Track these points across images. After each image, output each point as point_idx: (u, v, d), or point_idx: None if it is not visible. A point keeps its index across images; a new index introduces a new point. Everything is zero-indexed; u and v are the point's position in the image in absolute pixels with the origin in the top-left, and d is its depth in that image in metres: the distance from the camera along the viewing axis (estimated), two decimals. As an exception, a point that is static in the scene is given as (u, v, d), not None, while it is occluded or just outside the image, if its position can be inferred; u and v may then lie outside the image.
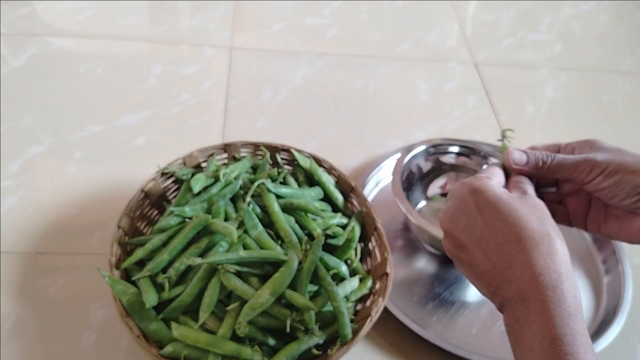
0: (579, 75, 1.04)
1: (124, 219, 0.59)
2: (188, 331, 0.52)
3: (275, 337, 0.55)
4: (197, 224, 0.56)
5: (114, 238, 0.57)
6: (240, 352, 0.51)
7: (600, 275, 0.70)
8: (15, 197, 0.71)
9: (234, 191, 0.62)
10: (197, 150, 0.66)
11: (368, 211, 0.63)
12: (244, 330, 0.51)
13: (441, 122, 0.90)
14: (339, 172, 0.67)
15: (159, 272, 0.55)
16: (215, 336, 0.52)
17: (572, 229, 0.59)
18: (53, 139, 0.79)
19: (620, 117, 0.95)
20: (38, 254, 0.65)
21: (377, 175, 0.77)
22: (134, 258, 0.56)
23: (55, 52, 0.94)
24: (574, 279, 0.37)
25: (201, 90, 0.90)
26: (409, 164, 0.70)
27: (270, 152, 0.68)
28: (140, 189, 0.62)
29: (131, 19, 1.03)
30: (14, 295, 0.61)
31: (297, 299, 0.53)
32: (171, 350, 0.51)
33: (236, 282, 0.53)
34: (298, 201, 0.62)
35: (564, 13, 1.21)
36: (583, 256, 0.72)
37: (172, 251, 0.55)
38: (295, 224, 0.61)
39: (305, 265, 0.56)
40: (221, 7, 1.08)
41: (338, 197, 0.66)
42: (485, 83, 0.99)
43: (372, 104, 0.92)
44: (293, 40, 1.03)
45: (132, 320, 0.52)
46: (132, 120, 0.83)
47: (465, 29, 1.12)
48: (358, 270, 0.61)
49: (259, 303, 0.52)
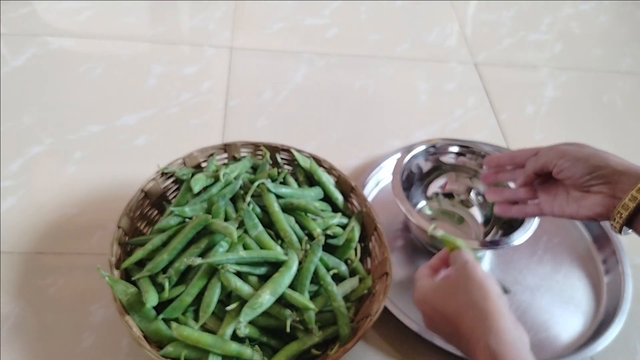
0: (579, 75, 1.04)
1: (124, 219, 0.59)
2: (188, 331, 0.51)
3: (275, 337, 0.55)
4: (197, 224, 0.56)
5: (114, 238, 0.57)
6: (240, 353, 0.51)
7: (601, 275, 0.70)
8: (15, 197, 0.71)
9: (234, 191, 0.61)
10: (197, 150, 0.66)
11: (368, 211, 0.63)
12: (244, 330, 0.52)
13: (441, 122, 0.90)
14: (339, 172, 0.67)
15: (159, 272, 0.55)
16: (215, 336, 0.52)
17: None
18: (53, 139, 0.79)
19: (620, 117, 0.95)
20: (38, 254, 0.65)
21: (377, 175, 0.77)
22: (134, 258, 0.56)
23: (55, 52, 0.94)
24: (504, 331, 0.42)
25: (201, 90, 0.90)
26: (409, 164, 0.70)
27: (270, 152, 0.68)
28: (140, 189, 0.62)
29: (131, 19, 1.03)
30: (14, 295, 0.61)
31: (297, 299, 0.53)
32: (171, 350, 0.51)
33: (236, 282, 0.53)
34: (298, 201, 0.62)
35: (564, 13, 1.21)
36: (583, 256, 0.72)
37: (172, 251, 0.55)
38: (295, 224, 0.61)
39: (305, 265, 0.56)
40: (221, 7, 1.08)
41: (338, 197, 0.66)
42: (485, 83, 0.99)
43: (372, 104, 0.92)
44: (293, 40, 1.03)
45: (132, 320, 0.51)
46: (132, 120, 0.83)
47: (465, 29, 1.12)
48: (358, 270, 0.61)
49: (259, 303, 0.52)
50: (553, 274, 0.70)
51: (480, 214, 0.73)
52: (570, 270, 0.70)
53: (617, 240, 0.71)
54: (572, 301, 0.67)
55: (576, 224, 0.76)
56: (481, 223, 0.72)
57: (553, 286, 0.68)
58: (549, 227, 0.74)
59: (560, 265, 0.71)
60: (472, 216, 0.73)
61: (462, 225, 0.73)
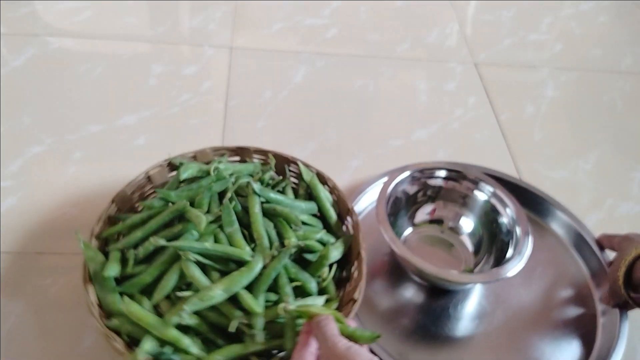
0: (579, 75, 1.04)
1: (120, 195, 0.61)
2: (135, 308, 0.52)
3: (224, 336, 0.54)
4: (175, 209, 0.57)
5: (104, 210, 0.59)
6: (177, 340, 0.51)
7: (597, 315, 0.65)
8: (15, 197, 0.71)
9: (223, 187, 0.62)
10: (210, 148, 0.67)
11: (356, 235, 0.61)
12: (185, 318, 0.51)
13: (441, 122, 0.90)
14: (340, 193, 0.65)
15: (130, 247, 0.57)
16: (158, 319, 0.51)
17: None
18: (53, 139, 0.79)
19: (620, 117, 0.95)
20: (38, 254, 0.65)
21: (368, 195, 0.74)
22: (112, 230, 0.58)
23: (55, 52, 0.94)
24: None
25: (201, 91, 0.90)
26: (394, 191, 0.67)
27: (279, 162, 0.67)
28: (145, 172, 0.63)
29: (131, 19, 1.03)
30: (14, 295, 0.61)
31: (246, 301, 0.52)
32: (116, 323, 0.52)
33: (195, 271, 0.53)
34: (281, 208, 0.60)
35: (564, 13, 1.21)
36: (579, 291, 0.68)
37: (147, 230, 0.57)
38: (272, 230, 0.60)
39: (267, 271, 0.54)
40: (221, 7, 1.08)
41: (332, 216, 0.64)
42: (485, 83, 0.99)
43: (372, 104, 0.92)
44: (293, 40, 1.03)
45: (91, 288, 0.53)
46: (132, 120, 0.83)
47: (465, 29, 1.12)
48: (328, 290, 0.59)
49: (209, 296, 0.51)
50: (546, 309, 0.65)
51: (471, 241, 0.70)
52: (565, 306, 0.66)
53: None
54: (565, 338, 0.63)
55: (573, 255, 0.71)
56: (472, 252, 0.69)
57: (545, 322, 0.64)
58: (543, 257, 0.70)
59: (554, 299, 0.67)
60: (462, 243, 0.70)
61: (452, 253, 0.70)
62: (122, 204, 0.61)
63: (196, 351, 0.51)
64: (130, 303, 0.52)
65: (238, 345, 0.52)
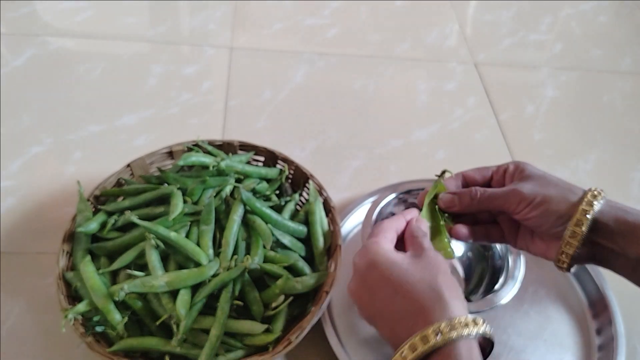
0: (579, 75, 1.04)
1: (137, 162, 0.65)
2: (88, 268, 0.54)
3: (158, 327, 0.53)
4: (162, 191, 0.61)
5: (117, 172, 0.64)
6: (107, 311, 0.51)
7: (593, 347, 0.63)
8: (15, 197, 0.71)
9: (219, 182, 0.62)
10: (238, 141, 0.69)
11: (332, 276, 0.57)
12: (120, 294, 0.51)
13: (441, 122, 0.90)
14: (336, 227, 0.62)
15: (115, 213, 0.60)
16: (102, 287, 0.53)
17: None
18: (53, 139, 0.79)
19: (620, 117, 0.95)
20: (38, 254, 0.65)
21: (355, 215, 0.72)
22: (108, 192, 0.63)
23: (55, 52, 0.94)
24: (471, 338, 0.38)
25: (201, 90, 0.90)
26: (380, 215, 0.65)
27: (297, 175, 0.67)
28: (169, 146, 0.67)
29: (131, 19, 1.03)
30: (14, 295, 0.61)
31: (177, 301, 0.52)
32: (70, 276, 0.55)
33: (152, 255, 0.54)
34: (260, 222, 0.59)
35: (564, 13, 1.21)
36: (574, 313, 0.65)
37: (134, 202, 0.61)
38: (242, 242, 0.58)
39: (214, 280, 0.53)
40: (221, 7, 1.08)
41: (319, 246, 0.61)
42: (485, 83, 0.99)
43: (372, 104, 0.92)
44: (293, 40, 1.03)
45: (68, 244, 0.58)
46: (132, 120, 0.83)
47: (465, 29, 1.12)
48: (274, 321, 0.56)
49: (151, 284, 0.52)
50: (540, 332, 0.63)
51: (461, 266, 0.67)
52: (559, 327, 0.64)
53: (614, 307, 0.64)
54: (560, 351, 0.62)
55: (569, 277, 0.68)
56: (463, 278, 0.66)
57: (540, 346, 0.62)
58: (534, 276, 0.66)
59: (548, 321, 0.64)
60: (453, 269, 0.67)
61: None
62: (138, 171, 0.66)
63: (120, 328, 0.51)
64: (89, 264, 0.54)
65: (156, 340, 0.52)
